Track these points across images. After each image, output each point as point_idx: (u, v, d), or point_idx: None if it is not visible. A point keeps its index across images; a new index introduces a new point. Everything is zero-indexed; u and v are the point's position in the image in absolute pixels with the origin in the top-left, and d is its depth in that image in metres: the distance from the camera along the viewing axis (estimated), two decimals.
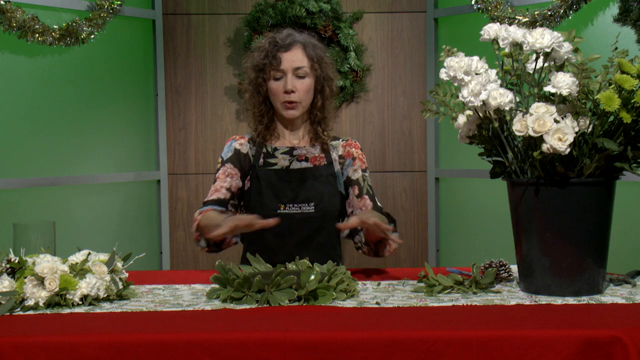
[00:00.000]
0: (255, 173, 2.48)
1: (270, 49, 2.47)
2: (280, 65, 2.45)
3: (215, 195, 2.47)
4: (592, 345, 1.53)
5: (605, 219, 1.89)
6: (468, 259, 3.42)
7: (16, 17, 3.21)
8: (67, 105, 3.55)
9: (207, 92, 4.01)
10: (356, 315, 1.73)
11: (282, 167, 2.49)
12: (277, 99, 2.48)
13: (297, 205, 2.46)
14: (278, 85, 2.47)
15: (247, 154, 2.52)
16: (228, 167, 2.51)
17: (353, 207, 2.52)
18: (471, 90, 1.85)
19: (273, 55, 2.46)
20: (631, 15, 2.86)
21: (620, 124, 1.81)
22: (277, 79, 2.47)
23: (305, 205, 2.46)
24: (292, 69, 2.46)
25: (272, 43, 2.48)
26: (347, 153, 2.56)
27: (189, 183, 4.01)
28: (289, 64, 2.46)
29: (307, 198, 2.46)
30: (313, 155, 2.53)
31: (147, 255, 3.66)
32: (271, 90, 2.49)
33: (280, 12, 3.82)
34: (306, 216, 2.46)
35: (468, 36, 3.52)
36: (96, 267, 1.90)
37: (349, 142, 2.60)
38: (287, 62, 2.46)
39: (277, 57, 2.46)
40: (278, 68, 2.46)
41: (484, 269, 2.05)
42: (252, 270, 2.11)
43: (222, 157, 2.54)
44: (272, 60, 2.46)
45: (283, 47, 2.47)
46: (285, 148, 2.52)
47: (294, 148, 2.52)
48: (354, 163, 2.55)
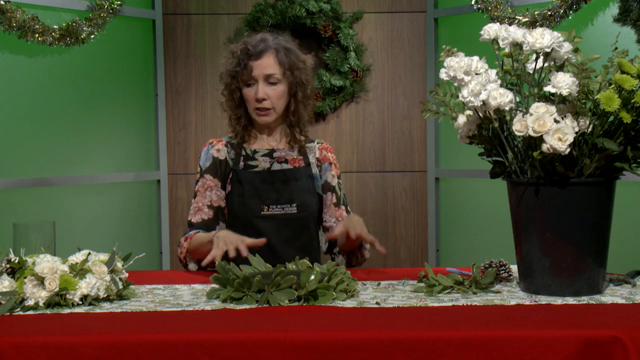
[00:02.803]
0: (237, 176, 2.49)
1: (241, 57, 2.48)
2: (251, 72, 2.47)
3: (199, 217, 2.50)
4: (592, 345, 1.52)
5: (605, 219, 1.89)
6: (468, 259, 3.41)
7: (16, 17, 3.21)
8: (67, 105, 3.54)
9: (207, 92, 4.01)
10: (356, 315, 1.73)
11: (263, 169, 2.51)
12: (250, 105, 2.51)
13: (280, 206, 2.48)
14: (250, 92, 2.49)
15: (225, 159, 2.53)
16: (207, 178, 2.52)
17: (330, 215, 2.58)
18: (471, 90, 1.85)
19: (244, 63, 2.47)
20: (631, 15, 2.86)
21: (620, 124, 1.81)
22: (249, 84, 2.49)
23: (288, 206, 2.49)
24: (263, 76, 2.47)
25: (244, 51, 2.49)
26: (324, 157, 2.61)
27: (189, 183, 4.01)
28: (259, 71, 2.47)
29: (289, 199, 2.49)
30: (292, 157, 2.55)
31: (147, 255, 3.66)
32: (244, 97, 2.52)
33: (280, 12, 3.82)
34: (289, 217, 2.49)
35: (468, 36, 3.51)
36: (96, 267, 1.90)
37: (324, 145, 2.63)
38: (257, 69, 2.47)
39: (247, 66, 2.47)
40: (250, 76, 2.47)
41: (484, 269, 2.05)
42: (252, 270, 2.11)
43: (200, 166, 2.55)
44: (242, 69, 2.48)
45: (254, 55, 2.47)
46: (265, 150, 2.54)
47: (273, 150, 2.55)
48: (331, 168, 2.61)
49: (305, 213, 2.52)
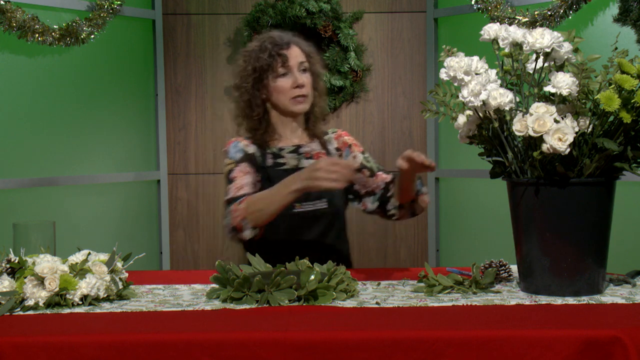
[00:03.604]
0: (267, 174, 2.46)
1: (272, 49, 2.47)
2: (287, 61, 2.46)
3: (243, 192, 2.38)
4: (592, 345, 1.52)
5: (605, 219, 1.89)
6: (468, 259, 3.41)
7: (16, 17, 3.21)
8: (67, 105, 3.55)
9: (207, 92, 4.01)
10: (356, 315, 1.73)
11: (292, 166, 2.48)
12: (285, 96, 2.47)
13: (311, 202, 2.45)
14: (286, 82, 2.46)
15: (254, 154, 2.49)
16: (243, 166, 2.44)
17: (370, 186, 2.50)
18: (471, 90, 1.85)
19: (277, 53, 2.46)
20: (631, 15, 2.86)
21: (620, 124, 1.81)
22: (283, 75, 2.47)
23: (318, 202, 2.46)
24: (297, 64, 2.47)
25: (272, 42, 2.49)
26: (342, 143, 2.58)
27: (189, 183, 4.01)
28: (293, 59, 2.47)
29: (319, 195, 2.46)
30: (316, 151, 2.53)
31: (147, 255, 3.66)
32: (278, 88, 2.47)
33: (280, 12, 3.82)
34: (320, 212, 2.47)
35: (468, 36, 3.51)
36: (96, 267, 1.90)
37: (338, 132, 2.62)
38: (292, 57, 2.47)
39: (282, 55, 2.46)
40: (285, 64, 2.45)
41: (484, 269, 2.05)
42: (252, 270, 2.11)
43: (232, 158, 2.47)
44: (277, 57, 2.46)
45: (284, 45, 2.48)
46: (291, 147, 2.52)
47: (299, 146, 2.52)
48: (352, 150, 2.57)
49: (335, 208, 2.49)
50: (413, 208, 2.45)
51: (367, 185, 2.51)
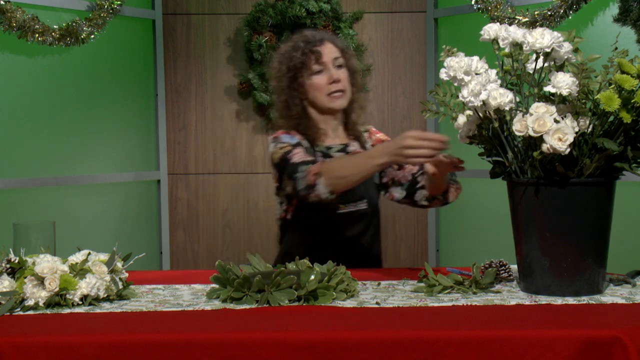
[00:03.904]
0: None
1: (305, 47, 2.45)
2: (321, 57, 2.44)
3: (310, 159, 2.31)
4: (592, 345, 1.52)
5: (605, 219, 1.89)
6: (468, 259, 3.41)
7: (16, 17, 3.21)
8: (67, 105, 3.55)
9: (207, 92, 4.01)
10: (356, 315, 1.73)
11: None
12: (321, 92, 2.44)
13: (354, 203, 2.44)
14: (321, 79, 2.44)
15: (306, 148, 2.41)
16: (300, 148, 2.36)
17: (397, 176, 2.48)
18: (471, 90, 1.85)
19: (310, 50, 2.44)
20: (631, 15, 2.86)
21: (620, 124, 1.81)
22: (318, 72, 2.44)
23: (360, 202, 2.46)
24: (332, 60, 2.45)
25: (305, 41, 2.47)
26: (376, 140, 2.56)
27: (189, 183, 4.01)
28: (328, 55, 2.45)
29: (360, 195, 2.45)
30: (357, 150, 2.51)
31: (147, 255, 3.65)
32: (314, 86, 2.44)
33: (280, 12, 3.82)
34: (361, 213, 2.46)
35: (468, 36, 3.51)
36: (96, 267, 1.90)
37: (369, 129, 2.60)
38: (326, 54, 2.45)
39: (315, 52, 2.44)
40: (319, 61, 2.43)
41: (484, 269, 2.05)
42: (252, 270, 2.11)
43: (287, 142, 2.39)
44: (310, 54, 2.44)
45: (318, 42, 2.46)
46: (339, 146, 2.48)
47: (346, 145, 2.49)
48: None
49: (373, 207, 2.49)
50: (446, 198, 2.43)
51: (394, 176, 2.49)
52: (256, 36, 3.82)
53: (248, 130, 4.00)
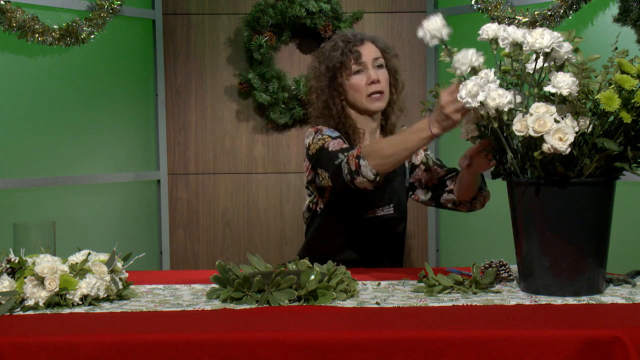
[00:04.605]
0: None
1: (345, 47, 2.43)
2: (360, 57, 2.41)
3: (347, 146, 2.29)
4: (592, 345, 1.53)
5: (605, 219, 1.89)
6: (468, 259, 3.41)
7: (16, 17, 3.21)
8: (67, 105, 3.54)
9: (207, 92, 4.01)
10: (356, 315, 1.73)
11: None
12: (360, 93, 2.42)
13: (381, 208, 2.44)
14: (360, 79, 2.42)
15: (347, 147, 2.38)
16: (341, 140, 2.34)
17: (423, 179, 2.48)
18: (469, 91, 1.85)
19: (350, 49, 2.42)
20: (631, 15, 2.86)
21: (620, 124, 1.81)
22: (358, 72, 2.42)
23: (387, 208, 2.45)
24: (371, 60, 2.43)
25: (345, 41, 2.45)
26: None
27: (189, 183, 4.01)
28: (367, 55, 2.43)
29: (389, 200, 2.45)
30: None
31: (147, 255, 3.66)
32: (353, 86, 2.43)
33: (280, 12, 3.82)
34: (388, 217, 2.46)
35: (468, 36, 3.51)
36: (96, 267, 1.90)
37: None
38: (365, 54, 2.43)
39: (354, 52, 2.42)
40: (359, 61, 2.41)
41: (484, 269, 2.05)
42: (252, 270, 2.11)
43: (328, 134, 2.36)
44: (349, 54, 2.41)
45: (358, 42, 2.44)
46: None
47: None
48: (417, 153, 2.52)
49: (400, 213, 2.49)
50: (473, 205, 2.43)
51: (421, 178, 2.50)
52: (256, 36, 3.82)
53: (248, 130, 4.00)
